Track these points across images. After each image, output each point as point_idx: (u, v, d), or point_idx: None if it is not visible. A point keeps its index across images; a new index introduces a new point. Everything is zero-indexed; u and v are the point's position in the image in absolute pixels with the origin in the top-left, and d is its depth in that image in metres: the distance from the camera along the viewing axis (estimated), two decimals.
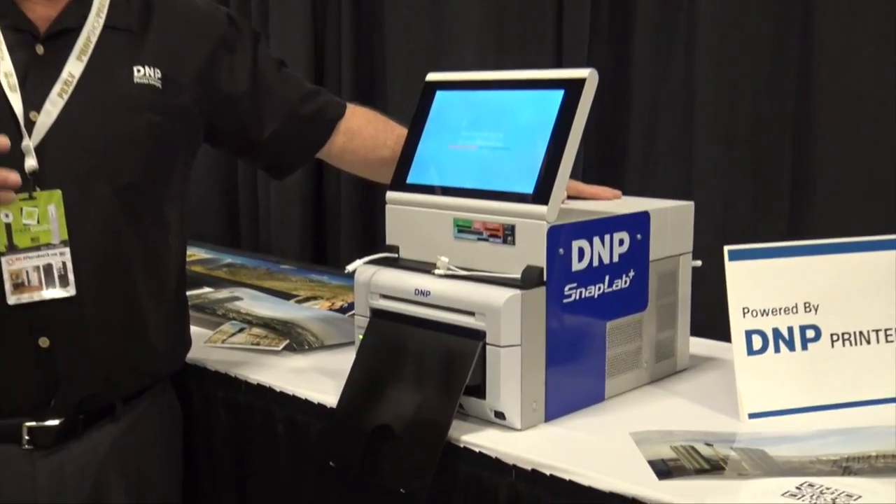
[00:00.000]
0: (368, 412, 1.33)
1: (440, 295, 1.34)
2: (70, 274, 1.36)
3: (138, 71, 1.42)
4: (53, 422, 1.40)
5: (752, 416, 1.32)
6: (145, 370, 1.50)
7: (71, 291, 1.36)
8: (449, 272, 1.36)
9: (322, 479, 1.44)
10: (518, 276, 1.30)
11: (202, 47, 1.50)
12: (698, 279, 1.55)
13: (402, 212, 1.44)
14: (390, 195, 1.46)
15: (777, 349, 1.35)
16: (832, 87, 1.81)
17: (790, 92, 1.85)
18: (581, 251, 1.34)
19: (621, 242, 1.40)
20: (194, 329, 1.64)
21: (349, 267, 1.43)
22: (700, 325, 1.60)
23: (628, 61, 2.05)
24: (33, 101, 1.35)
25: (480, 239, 1.35)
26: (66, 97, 1.36)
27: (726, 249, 1.37)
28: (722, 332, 1.43)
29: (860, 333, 1.37)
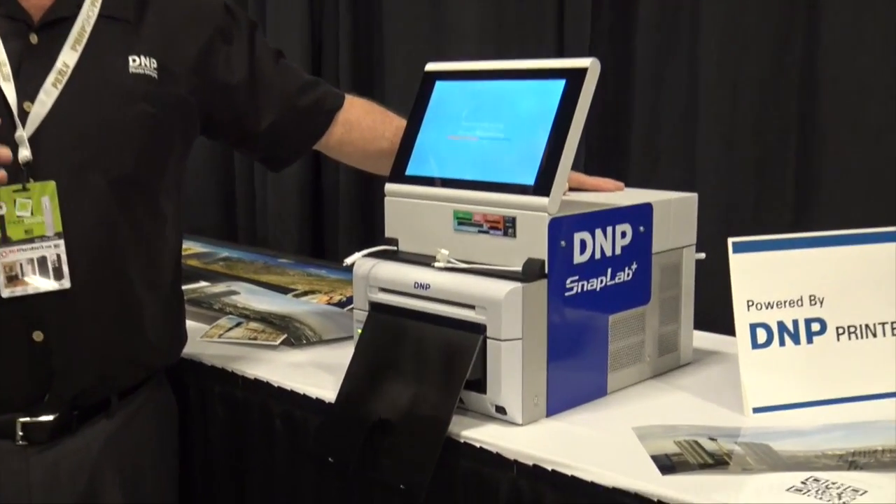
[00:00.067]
0: (367, 407, 1.32)
1: (440, 288, 1.32)
2: (64, 266, 1.35)
3: (134, 61, 1.41)
4: (47, 417, 1.39)
5: (757, 411, 1.31)
6: (141, 364, 1.49)
7: (65, 284, 1.35)
8: (449, 265, 1.35)
9: (320, 476, 1.43)
10: (519, 269, 1.29)
11: (198, 37, 1.49)
12: (702, 272, 1.54)
13: (402, 204, 1.43)
14: (389, 187, 1.45)
15: (782, 342, 1.34)
16: (836, 81, 1.82)
17: (793, 86, 1.86)
18: (583, 243, 1.33)
19: (624, 235, 1.39)
20: (190, 324, 1.64)
21: (348, 260, 1.42)
22: (704, 319, 1.59)
23: (632, 49, 2.04)
24: (27, 91, 1.34)
25: (481, 231, 1.34)
26: (61, 87, 1.35)
27: (730, 241, 1.36)
28: (726, 326, 1.42)
29: (866, 326, 1.36)
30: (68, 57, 1.36)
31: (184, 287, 1.61)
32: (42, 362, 1.37)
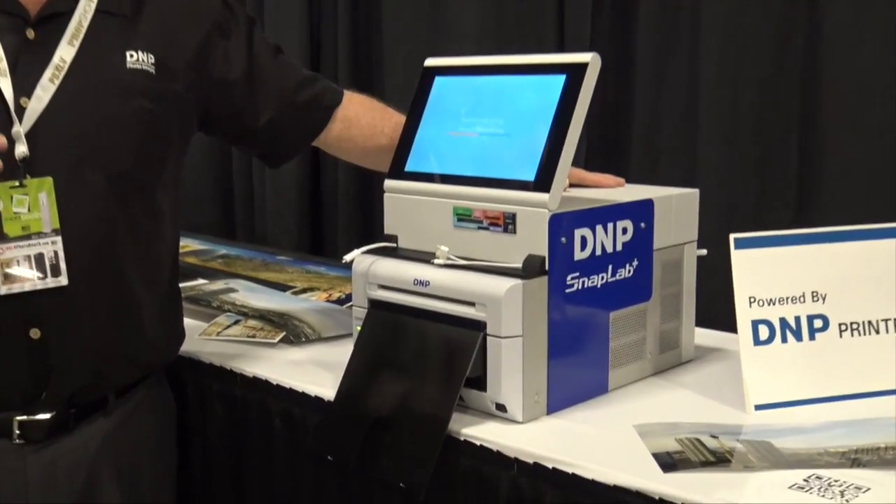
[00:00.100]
0: (367, 405, 1.32)
1: (440, 285, 1.32)
2: (62, 263, 1.34)
3: (131, 56, 1.40)
4: (45, 415, 1.38)
5: (759, 408, 1.30)
6: (138, 362, 1.48)
7: (63, 281, 1.34)
8: (449, 262, 1.34)
9: (320, 473, 1.43)
10: (519, 266, 1.28)
11: (196, 32, 1.48)
12: (703, 268, 1.53)
13: (401, 200, 1.42)
14: (388, 183, 1.44)
15: (784, 339, 1.34)
16: (837, 81, 1.82)
17: (794, 86, 1.86)
18: (584, 240, 1.32)
19: (625, 231, 1.39)
20: (188, 321, 1.63)
21: (347, 257, 1.42)
22: (705, 316, 1.58)
23: (632, 49, 2.03)
24: (24, 87, 1.33)
25: (481, 227, 1.33)
26: (58, 83, 1.34)
27: (732, 237, 1.35)
28: (728, 323, 1.41)
29: (869, 323, 1.36)
30: (65, 52, 1.35)
31: (182, 284, 1.61)
32: (39, 360, 1.36)
